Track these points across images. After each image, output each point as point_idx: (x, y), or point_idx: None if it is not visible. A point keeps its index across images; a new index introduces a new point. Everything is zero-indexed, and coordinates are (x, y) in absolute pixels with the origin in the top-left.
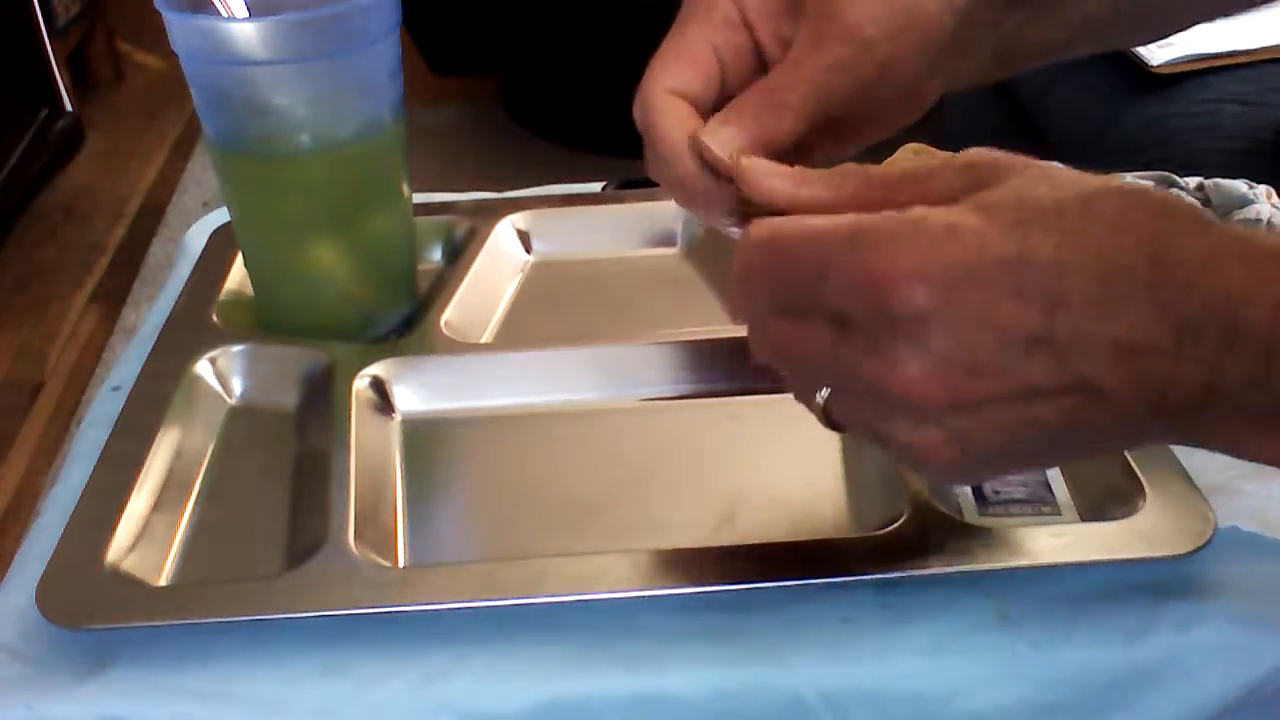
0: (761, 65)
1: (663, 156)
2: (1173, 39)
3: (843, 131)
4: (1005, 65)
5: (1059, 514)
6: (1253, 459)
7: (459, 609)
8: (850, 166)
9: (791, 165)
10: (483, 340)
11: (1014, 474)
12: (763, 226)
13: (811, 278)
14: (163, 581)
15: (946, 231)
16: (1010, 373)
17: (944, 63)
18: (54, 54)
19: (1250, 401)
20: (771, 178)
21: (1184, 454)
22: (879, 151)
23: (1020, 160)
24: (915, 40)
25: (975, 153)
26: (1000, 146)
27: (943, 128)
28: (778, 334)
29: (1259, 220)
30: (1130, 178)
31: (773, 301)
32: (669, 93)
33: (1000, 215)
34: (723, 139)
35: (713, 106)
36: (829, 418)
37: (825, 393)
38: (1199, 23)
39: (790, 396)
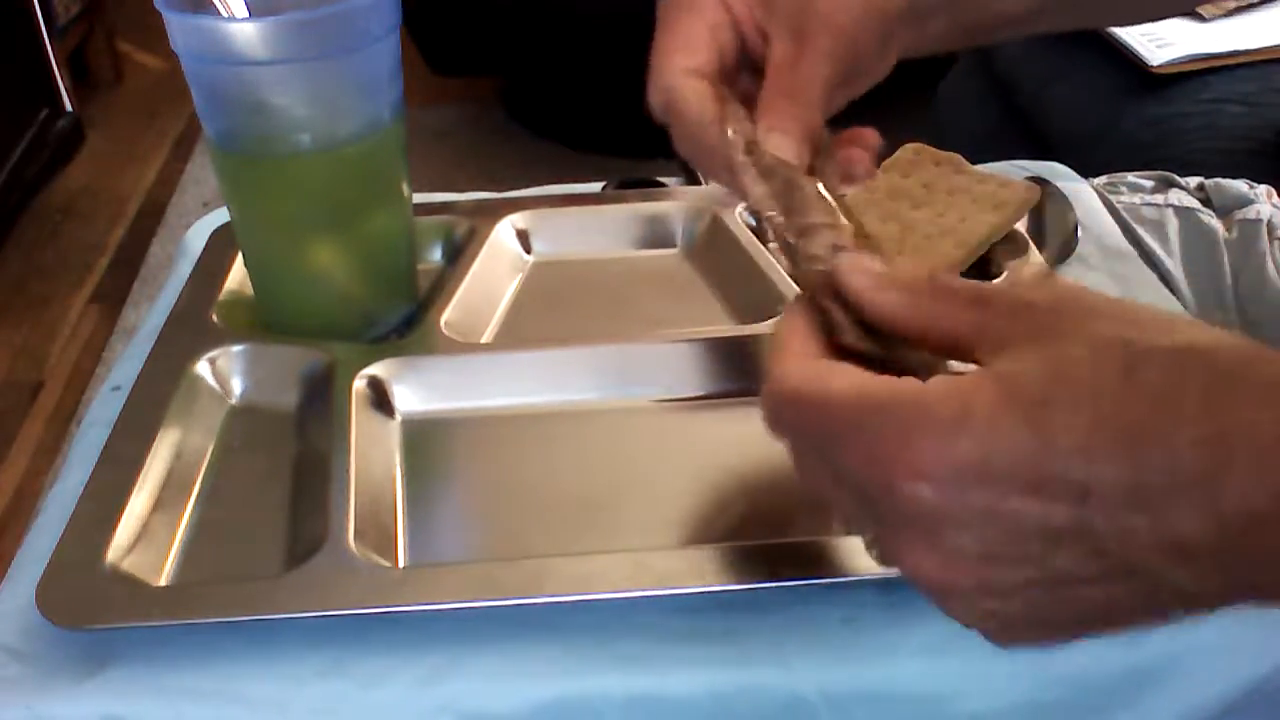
0: (743, 43)
1: (693, 132)
2: (1172, 39)
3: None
4: (970, 35)
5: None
6: None
7: (459, 609)
8: (927, 275)
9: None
10: (483, 340)
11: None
12: (783, 380)
13: (827, 443)
14: (163, 581)
15: (955, 422)
16: (1035, 563)
17: (901, 34)
18: (54, 54)
19: None
20: (853, 276)
21: None
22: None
23: (1088, 308)
24: (875, 21)
25: (1052, 295)
26: (1000, 145)
27: (942, 128)
28: (809, 469)
29: (1259, 220)
30: (1131, 178)
31: (798, 446)
32: (687, 73)
33: (1023, 395)
34: (779, 145)
35: (718, 80)
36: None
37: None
38: (1172, 14)
39: None
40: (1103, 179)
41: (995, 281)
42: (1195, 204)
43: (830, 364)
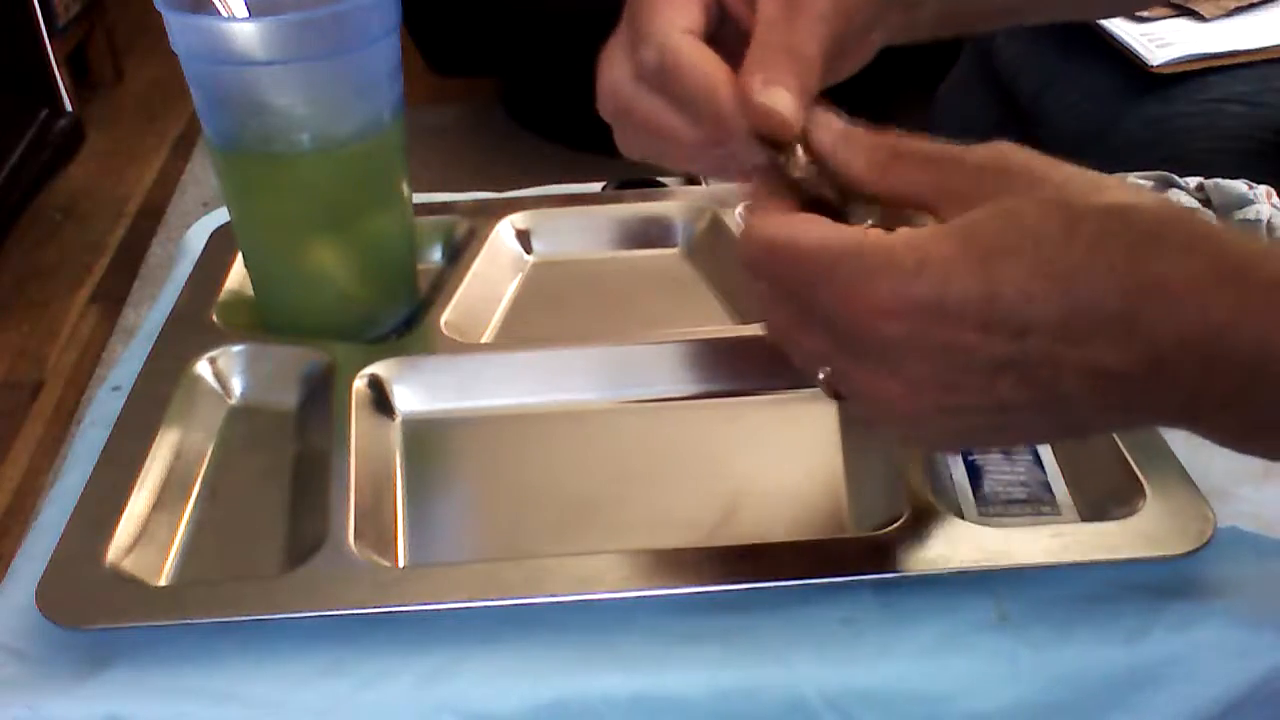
0: (724, 9)
1: (696, 91)
2: (1172, 39)
3: None
4: (961, 23)
5: (1059, 514)
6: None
7: (459, 609)
8: (889, 137)
9: None
10: (483, 340)
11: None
12: (760, 227)
13: (802, 287)
14: (163, 581)
15: (916, 267)
16: (980, 390)
17: (890, 17)
18: (54, 54)
19: (1225, 421)
20: (822, 130)
21: (1184, 454)
22: None
23: (1030, 171)
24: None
25: (993, 155)
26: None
27: (940, 127)
28: (780, 321)
29: (1259, 220)
30: (1131, 178)
31: (773, 294)
32: (684, 32)
33: (975, 245)
34: (779, 99)
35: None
36: (832, 389)
37: (826, 370)
38: (1160, 3)
39: (789, 397)
40: None
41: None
42: (1195, 204)
43: (804, 216)
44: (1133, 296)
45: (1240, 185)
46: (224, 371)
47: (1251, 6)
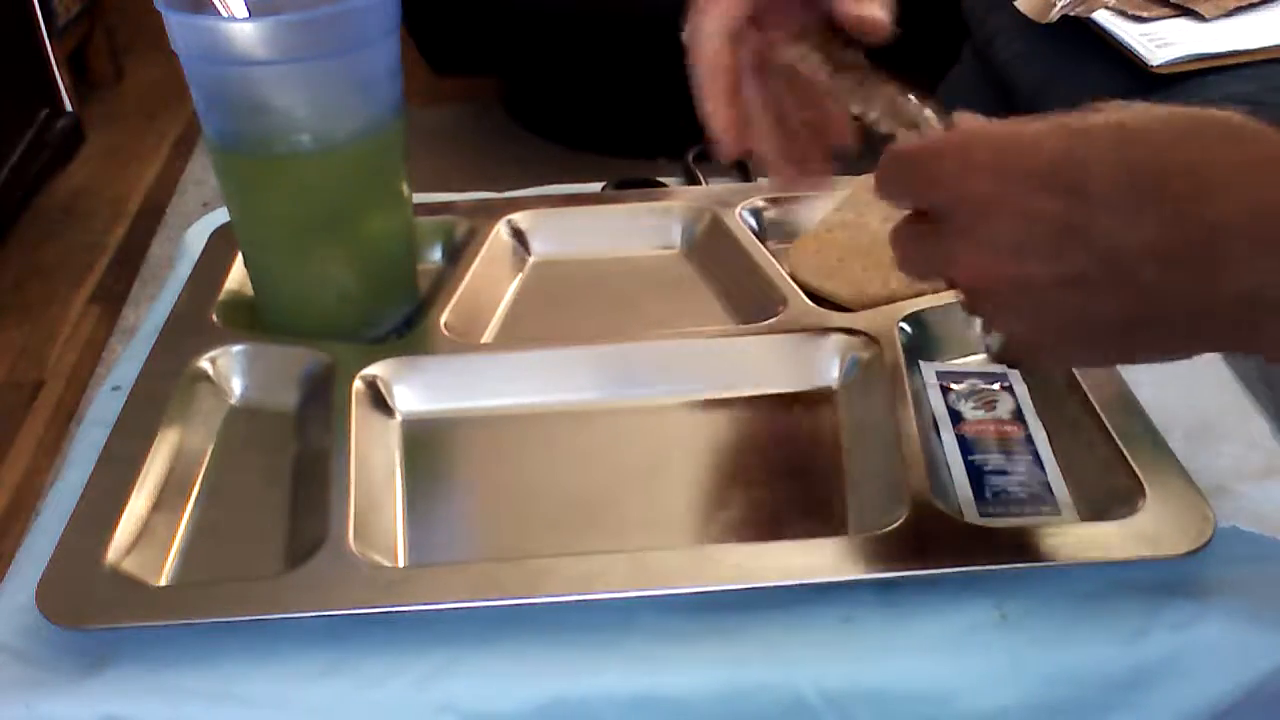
0: None
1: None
2: (1172, 39)
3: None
4: None
5: (1059, 514)
6: None
7: (459, 609)
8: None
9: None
10: (483, 340)
11: (1094, 362)
12: (900, 147)
13: (920, 177)
14: (163, 581)
15: (1011, 136)
16: (1052, 258)
17: None
18: (54, 54)
19: None
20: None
21: (1184, 455)
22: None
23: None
24: None
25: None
26: None
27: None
28: (903, 227)
29: None
30: None
31: (907, 195)
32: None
33: (1071, 123)
34: (869, 9)
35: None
36: (994, 354)
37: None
38: None
39: (789, 397)
40: None
41: None
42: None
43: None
44: (1182, 178)
45: None
46: (224, 371)
47: (1251, 6)
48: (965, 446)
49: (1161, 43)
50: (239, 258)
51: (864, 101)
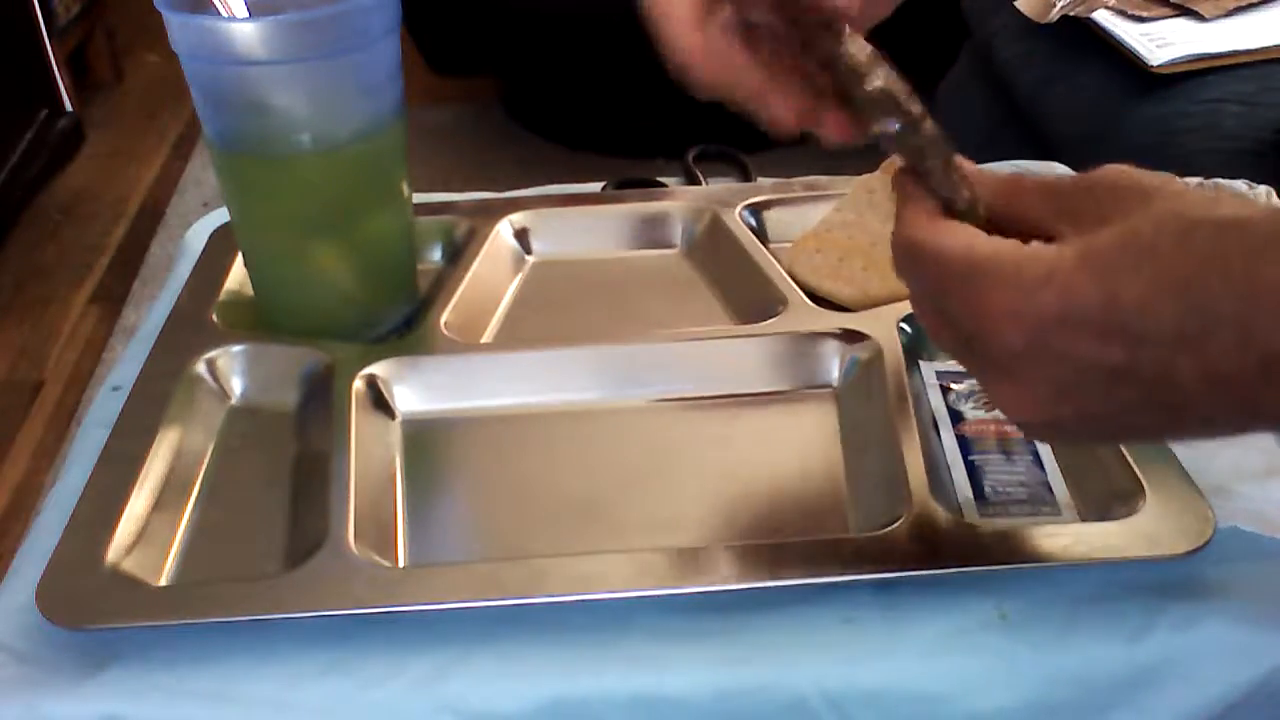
0: None
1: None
2: (1172, 39)
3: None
4: None
5: (1059, 514)
6: None
7: (459, 609)
8: (1006, 179)
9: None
10: (483, 340)
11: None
12: (910, 229)
13: (937, 288)
14: (163, 581)
15: (1043, 279)
16: (1098, 398)
17: None
18: (54, 54)
19: None
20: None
21: (1184, 454)
22: (879, 152)
23: (1143, 187)
24: None
25: (1107, 176)
26: (1000, 145)
27: (942, 128)
28: (923, 310)
29: None
30: None
31: (915, 289)
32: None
33: (1096, 260)
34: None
35: None
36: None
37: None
38: None
39: (789, 397)
40: None
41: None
42: None
43: (948, 222)
44: (1247, 302)
45: (1240, 185)
46: (224, 371)
47: (1251, 6)
48: (965, 446)
49: (1161, 42)
50: (239, 258)
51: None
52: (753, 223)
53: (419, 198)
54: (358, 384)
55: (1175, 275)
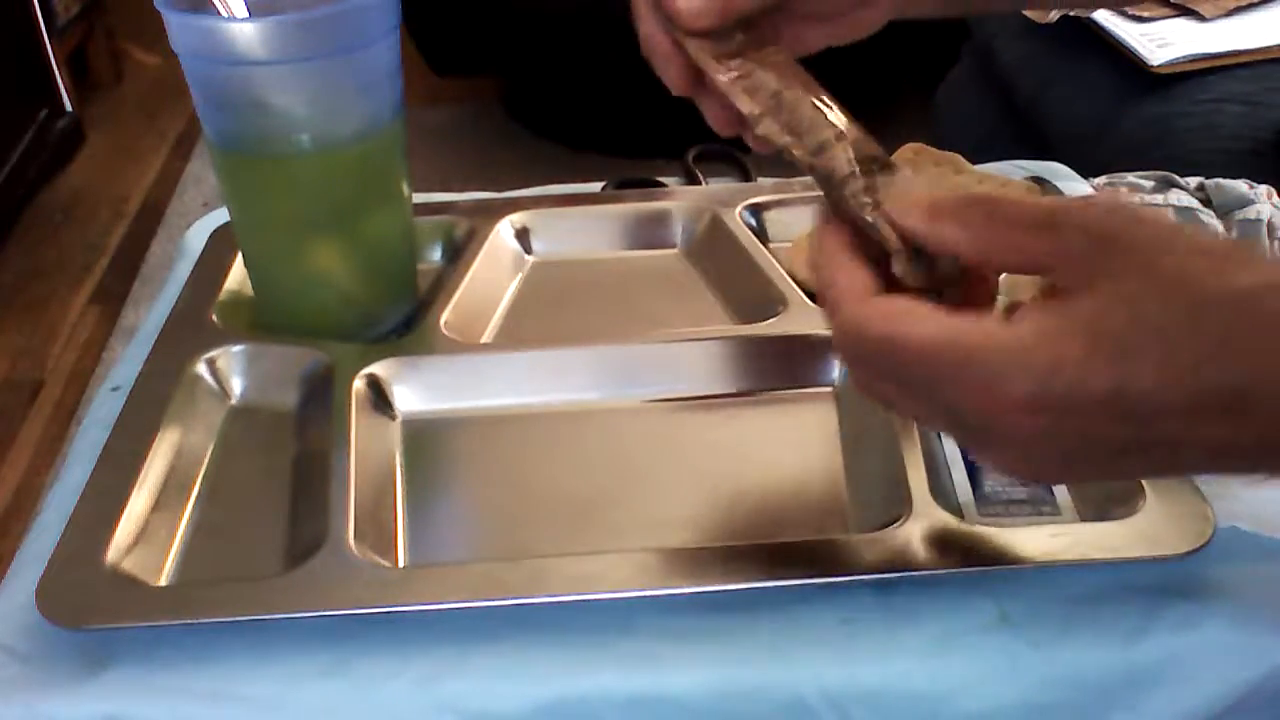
0: None
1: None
2: (1172, 39)
3: (790, 24)
4: (960, 5)
5: (1059, 514)
6: None
7: (459, 609)
8: (978, 201)
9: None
10: (483, 340)
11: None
12: (863, 326)
13: (922, 383)
14: (163, 581)
15: (1051, 368)
16: (1102, 463)
17: None
18: (54, 54)
19: None
20: (908, 218)
21: None
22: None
23: (1148, 243)
24: None
25: (1106, 222)
26: (1000, 145)
27: (942, 128)
28: (884, 392)
29: (1259, 220)
30: (1131, 178)
31: (883, 378)
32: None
33: (1104, 342)
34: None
35: None
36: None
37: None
38: None
39: (789, 397)
40: (1103, 179)
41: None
42: (1195, 204)
43: (905, 306)
44: (1257, 383)
45: (1240, 185)
46: (224, 371)
47: (1251, 6)
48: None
49: (1161, 42)
50: (239, 258)
51: (752, 97)
52: (753, 223)
53: (419, 198)
54: (358, 384)
55: (1186, 360)
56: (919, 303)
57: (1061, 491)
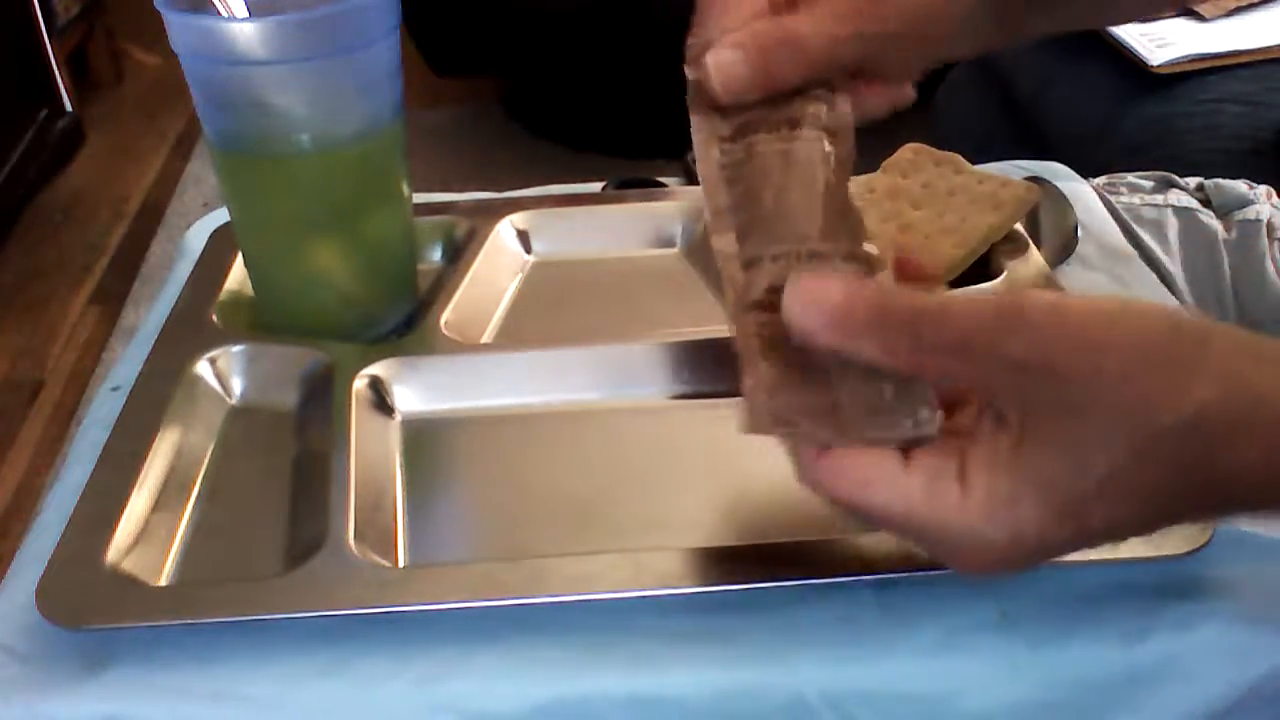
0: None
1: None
2: (1172, 39)
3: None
4: (1010, 38)
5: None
6: None
7: (459, 609)
8: (902, 321)
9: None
10: (483, 340)
11: None
12: (828, 485)
13: (897, 532)
14: (163, 581)
15: (1012, 540)
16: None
17: (965, 31)
18: (54, 54)
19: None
20: (813, 317)
21: None
22: (879, 152)
23: (1083, 375)
24: (948, 9)
25: (1032, 352)
26: (1000, 145)
27: (940, 127)
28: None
29: (1259, 220)
30: (1131, 178)
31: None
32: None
33: (1055, 501)
34: (724, 62)
35: None
36: None
37: None
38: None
39: None
40: (1102, 179)
41: (986, 287)
42: (1195, 204)
43: (864, 472)
44: (1212, 496)
45: (1240, 185)
46: (224, 371)
47: (1251, 6)
48: None
49: (1161, 42)
50: (239, 258)
51: (729, 188)
52: None
53: (419, 198)
54: (358, 384)
55: (1141, 491)
56: (877, 461)
57: None
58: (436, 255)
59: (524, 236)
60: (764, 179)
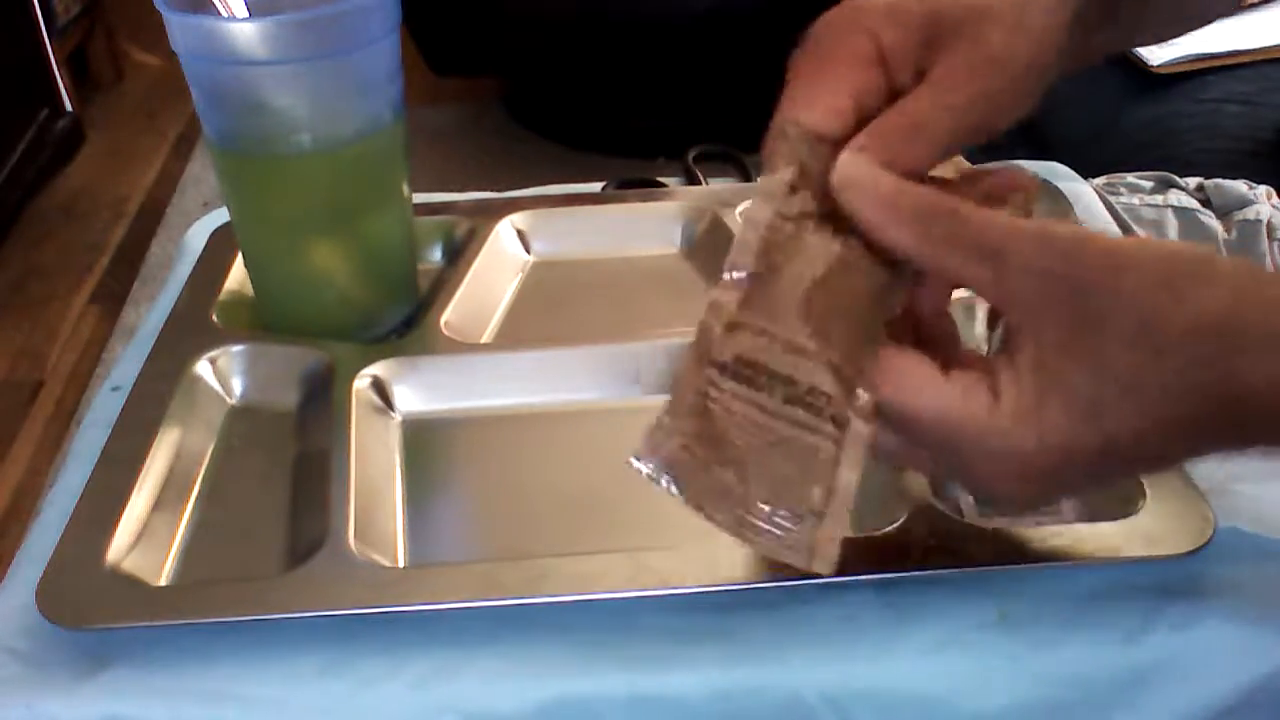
0: (893, 100)
1: None
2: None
3: None
4: (1078, 64)
5: (1059, 514)
6: None
7: (459, 609)
8: (945, 213)
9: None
10: (483, 340)
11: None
12: (890, 387)
13: (922, 444)
14: (163, 581)
15: (1039, 445)
16: (1087, 484)
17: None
18: (54, 54)
19: None
20: (861, 202)
21: None
22: None
23: (1100, 288)
24: (1038, 66)
25: (1053, 264)
26: (1000, 145)
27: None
28: (890, 444)
29: (1259, 220)
30: (1131, 178)
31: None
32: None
33: (1077, 408)
34: (854, 165)
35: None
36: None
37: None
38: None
39: None
40: (1102, 179)
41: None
42: (1195, 205)
43: (913, 376)
44: (1231, 411)
45: (1240, 185)
46: (224, 371)
47: (1251, 6)
48: None
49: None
50: (239, 258)
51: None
52: None
53: (419, 198)
54: (358, 384)
55: (1161, 396)
56: (917, 364)
57: None
58: (436, 255)
59: (524, 236)
60: (799, 265)
